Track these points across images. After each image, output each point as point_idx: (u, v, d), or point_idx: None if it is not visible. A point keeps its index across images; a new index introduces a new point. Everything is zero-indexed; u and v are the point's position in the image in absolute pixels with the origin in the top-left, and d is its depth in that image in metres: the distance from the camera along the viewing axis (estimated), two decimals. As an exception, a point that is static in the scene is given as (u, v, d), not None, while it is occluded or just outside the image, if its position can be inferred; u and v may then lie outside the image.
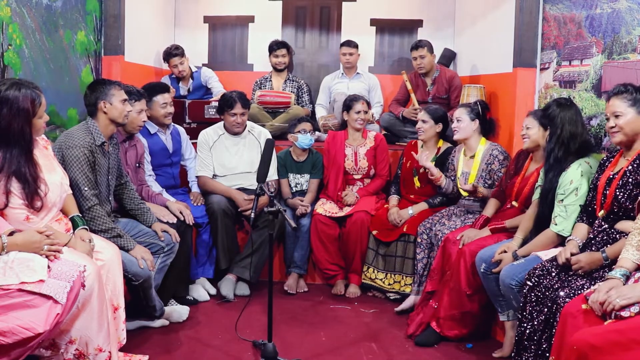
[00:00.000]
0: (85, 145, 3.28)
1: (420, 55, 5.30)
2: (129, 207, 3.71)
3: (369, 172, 4.76)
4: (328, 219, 4.54)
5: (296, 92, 5.84)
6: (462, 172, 4.22)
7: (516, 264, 3.13)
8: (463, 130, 4.15)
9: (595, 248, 2.83)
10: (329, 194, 4.74)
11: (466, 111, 4.15)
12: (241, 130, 4.57)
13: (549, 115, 3.25)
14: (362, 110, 4.72)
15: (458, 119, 4.16)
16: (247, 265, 4.29)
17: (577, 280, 2.73)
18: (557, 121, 3.21)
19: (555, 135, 3.22)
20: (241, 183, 4.58)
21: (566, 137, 3.19)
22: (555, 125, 3.22)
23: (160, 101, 4.23)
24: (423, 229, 4.17)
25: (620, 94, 2.83)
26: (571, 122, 3.20)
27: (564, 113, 3.22)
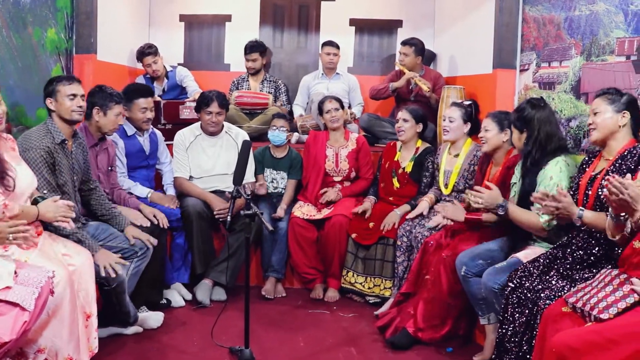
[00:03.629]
0: (41, 147, 3.20)
1: (405, 53, 5.32)
2: (100, 213, 3.65)
3: (350, 175, 4.76)
4: (306, 222, 4.53)
5: (274, 92, 5.83)
6: (444, 170, 4.24)
7: (498, 267, 3.14)
8: (453, 132, 4.16)
9: (575, 247, 2.84)
10: (308, 195, 4.72)
11: (460, 112, 4.15)
12: (216, 130, 4.54)
13: (525, 117, 3.26)
14: (332, 108, 4.71)
15: (450, 119, 4.15)
16: (223, 270, 4.25)
17: (558, 282, 2.75)
18: (534, 123, 3.23)
19: (532, 138, 3.23)
20: (217, 185, 4.56)
21: (543, 138, 3.21)
22: (532, 127, 3.23)
23: (141, 105, 4.19)
24: (403, 231, 4.18)
25: (603, 95, 2.90)
26: (547, 123, 3.23)
27: (539, 114, 3.24)
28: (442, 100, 4.92)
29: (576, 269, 2.79)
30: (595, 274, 2.66)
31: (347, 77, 5.94)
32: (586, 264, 2.79)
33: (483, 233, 3.59)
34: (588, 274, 2.73)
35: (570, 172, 3.13)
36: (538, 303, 2.67)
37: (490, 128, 3.67)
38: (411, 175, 4.50)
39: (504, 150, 3.70)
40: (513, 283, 2.85)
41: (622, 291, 2.38)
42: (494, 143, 3.68)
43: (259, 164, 4.79)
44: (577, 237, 2.87)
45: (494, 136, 3.67)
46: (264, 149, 4.84)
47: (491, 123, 3.68)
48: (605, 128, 2.85)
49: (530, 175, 3.21)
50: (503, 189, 3.56)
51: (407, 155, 4.55)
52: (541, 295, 2.69)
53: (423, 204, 4.27)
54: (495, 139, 3.68)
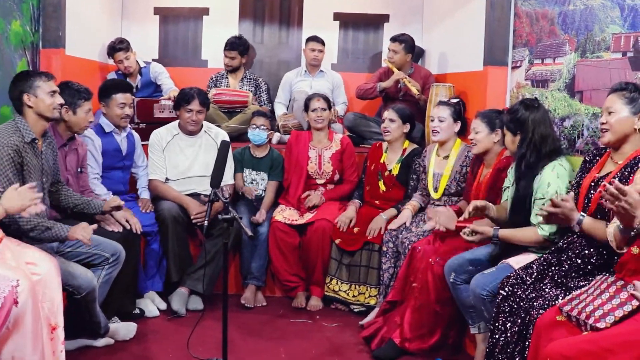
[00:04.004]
0: (9, 145, 3.14)
1: (394, 50, 5.32)
2: (72, 205, 3.63)
3: (333, 177, 4.76)
4: (287, 226, 4.52)
5: (254, 90, 5.81)
6: (433, 173, 4.24)
7: (487, 273, 3.14)
8: (444, 132, 4.16)
9: (572, 254, 2.83)
10: (289, 199, 4.71)
11: (450, 111, 4.16)
12: (196, 129, 4.53)
13: (518, 119, 3.26)
14: (319, 107, 4.71)
15: (440, 118, 4.15)
16: (200, 277, 4.22)
17: (551, 290, 2.74)
18: (528, 124, 3.22)
19: (526, 140, 3.23)
20: (195, 188, 4.54)
21: (537, 140, 3.21)
22: (526, 129, 3.23)
23: (119, 100, 4.16)
24: (389, 236, 4.18)
25: (620, 91, 2.79)
26: (541, 124, 3.23)
27: (534, 115, 3.24)
28: (431, 98, 4.93)
29: (571, 277, 2.79)
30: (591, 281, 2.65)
31: (331, 74, 5.93)
32: (582, 272, 2.78)
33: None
34: (584, 282, 2.71)
35: (568, 176, 3.13)
36: (531, 312, 2.66)
37: (480, 129, 3.68)
38: (398, 178, 4.50)
39: (495, 151, 3.71)
40: (505, 291, 2.84)
41: (619, 298, 2.37)
42: (484, 145, 3.69)
43: (238, 163, 4.78)
44: (573, 243, 2.86)
45: (485, 137, 3.68)
46: (244, 148, 4.83)
47: (481, 124, 3.68)
48: (620, 131, 2.77)
49: (524, 179, 3.21)
50: (493, 192, 3.58)
51: (394, 157, 4.55)
52: (534, 304, 2.68)
53: (405, 214, 4.26)
54: (486, 141, 3.68)
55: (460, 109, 4.24)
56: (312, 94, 4.88)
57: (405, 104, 4.98)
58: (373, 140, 5.13)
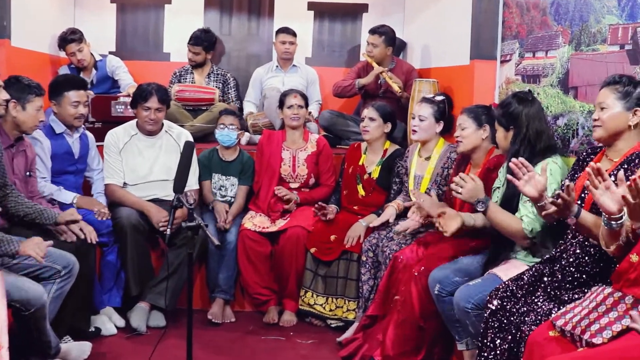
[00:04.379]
0: None
1: (373, 43, 5.32)
2: (23, 214, 3.58)
3: (308, 181, 4.76)
4: (258, 234, 4.50)
5: (222, 87, 5.80)
6: (415, 175, 4.25)
7: (472, 285, 3.14)
8: (424, 132, 4.18)
9: (565, 263, 2.82)
10: (260, 204, 4.69)
11: (432, 110, 4.17)
12: (155, 128, 4.50)
13: (512, 113, 3.28)
14: (296, 104, 4.71)
15: (421, 117, 4.17)
16: (162, 291, 4.20)
17: (544, 303, 2.75)
18: (522, 119, 3.25)
19: (519, 136, 3.25)
20: (156, 193, 4.52)
21: (532, 136, 3.23)
22: (520, 124, 3.25)
23: (72, 98, 4.15)
24: (368, 245, 4.18)
25: (612, 85, 2.80)
26: (535, 119, 3.25)
27: (528, 109, 3.26)
28: (413, 95, 4.94)
29: (565, 289, 2.78)
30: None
31: (306, 69, 5.95)
32: (577, 283, 2.77)
33: (460, 246, 3.60)
34: (579, 294, 2.71)
35: (561, 175, 3.15)
36: (522, 328, 2.66)
37: (467, 125, 3.69)
38: (378, 182, 4.51)
39: (484, 149, 3.72)
40: (493, 305, 2.84)
41: (617, 311, 2.37)
42: (471, 142, 3.70)
43: (205, 168, 4.75)
44: (567, 251, 2.86)
45: (472, 134, 3.69)
46: (211, 151, 4.82)
47: (467, 119, 3.70)
48: (612, 127, 2.79)
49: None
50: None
51: (374, 159, 4.56)
52: (525, 319, 2.69)
53: (389, 211, 4.27)
54: (473, 137, 3.69)
55: (445, 107, 4.25)
56: (288, 90, 4.89)
57: (386, 101, 4.99)
58: (351, 141, 5.14)
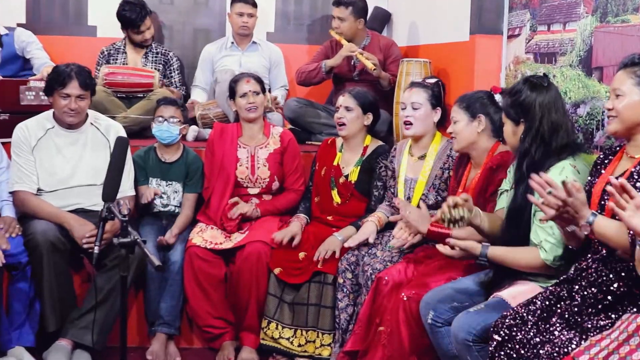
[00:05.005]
0: None
1: (339, 17, 5.34)
2: None
3: (271, 186, 4.76)
4: (209, 252, 4.48)
5: (162, 69, 5.81)
6: (405, 178, 4.26)
7: (474, 312, 3.15)
8: (420, 123, 4.17)
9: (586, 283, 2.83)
10: (211, 215, 4.69)
11: (426, 95, 4.17)
12: (77, 120, 4.47)
13: (522, 103, 3.25)
14: (250, 91, 4.69)
15: (414, 105, 4.16)
16: (88, 325, 4.15)
17: (562, 332, 2.75)
18: (535, 110, 3.22)
19: (531, 131, 3.22)
20: (80, 202, 4.49)
21: (547, 132, 3.20)
22: (532, 116, 3.22)
23: None
24: (346, 264, 4.17)
25: (630, 67, 2.82)
26: (552, 110, 3.22)
27: (542, 98, 3.23)
28: (400, 79, 4.95)
29: (588, 314, 2.79)
30: (615, 320, 2.66)
31: (268, 47, 5.98)
32: (602, 307, 2.78)
33: (459, 264, 3.62)
34: (605, 320, 2.71)
35: (581, 181, 3.10)
36: (536, 363, 2.68)
37: (459, 117, 3.73)
38: (358, 186, 4.53)
39: (484, 145, 3.74)
40: (500, 335, 2.85)
41: (655, 345, 2.39)
42: (465, 137, 3.73)
43: (141, 171, 4.73)
44: (588, 270, 2.87)
45: (464, 128, 3.72)
46: (148, 149, 4.80)
47: (458, 111, 3.74)
48: (629, 119, 2.81)
49: (525, 182, 3.18)
50: (484, 199, 3.59)
51: (352, 158, 4.58)
52: (540, 351, 2.70)
53: (368, 227, 4.26)
54: (467, 132, 3.72)
55: (440, 91, 4.27)
56: (238, 75, 4.89)
57: (365, 86, 5.01)
58: (324, 136, 5.15)
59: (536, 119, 3.21)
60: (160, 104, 4.76)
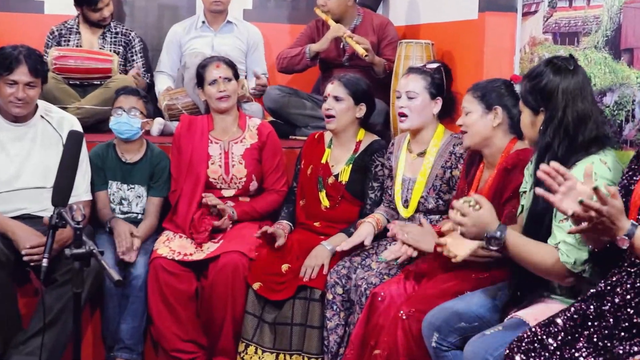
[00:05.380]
0: None
1: None
2: None
3: (248, 187, 4.76)
4: (177, 265, 4.48)
5: (122, 52, 5.84)
6: (403, 178, 4.26)
7: (489, 334, 3.12)
8: (416, 115, 4.18)
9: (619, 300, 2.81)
10: (179, 221, 4.69)
11: (425, 82, 4.17)
12: (24, 112, 4.44)
13: (543, 89, 3.22)
14: (220, 77, 4.69)
15: (410, 94, 4.17)
16: (36, 350, 4.11)
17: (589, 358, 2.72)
18: (558, 98, 3.18)
19: (553, 121, 3.19)
20: (26, 207, 4.48)
21: (571, 123, 3.17)
22: (555, 104, 3.19)
23: None
24: (336, 278, 4.17)
25: None
26: (578, 98, 3.19)
27: (567, 82, 3.20)
28: (397, 65, 4.93)
29: (620, 339, 2.76)
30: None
31: (245, 28, 6.01)
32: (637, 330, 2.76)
33: (468, 277, 3.61)
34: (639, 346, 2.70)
35: (613, 178, 3.11)
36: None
37: (471, 108, 3.71)
38: (349, 188, 4.54)
39: (499, 141, 3.72)
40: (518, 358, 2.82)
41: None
42: (478, 132, 3.70)
43: (98, 172, 4.73)
44: (620, 284, 2.85)
45: (477, 121, 3.70)
46: (106, 147, 4.80)
47: (471, 101, 3.72)
48: None
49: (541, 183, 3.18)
50: (499, 205, 3.56)
51: (343, 155, 4.60)
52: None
53: (364, 229, 4.27)
54: (480, 125, 3.70)
55: (443, 78, 4.26)
56: (207, 59, 4.89)
57: (357, 72, 5.03)
58: (310, 129, 5.16)
59: (559, 107, 3.18)
60: (119, 94, 4.75)
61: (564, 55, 3.38)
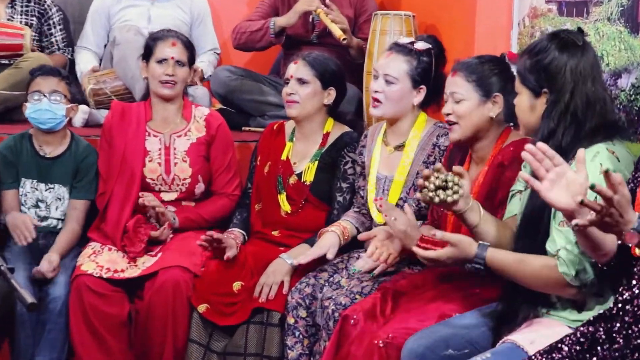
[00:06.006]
0: None
1: None
2: None
3: (193, 189, 4.79)
4: (106, 283, 4.49)
5: (37, 24, 5.83)
6: (377, 176, 4.29)
7: (480, 360, 3.19)
8: (392, 103, 4.20)
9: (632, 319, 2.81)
10: (109, 231, 4.68)
11: (408, 66, 4.19)
12: None
13: (547, 66, 3.23)
14: (173, 57, 4.70)
15: (388, 78, 4.18)
16: None
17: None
18: (566, 78, 3.20)
19: (559, 105, 3.21)
20: None
21: (580, 107, 3.19)
22: (561, 85, 3.21)
23: None
24: (298, 297, 4.20)
25: None
26: (587, 79, 3.21)
27: (575, 61, 3.21)
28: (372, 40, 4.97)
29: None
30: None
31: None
32: None
33: (453, 296, 3.66)
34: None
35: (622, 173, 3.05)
36: None
37: (466, 95, 3.69)
38: (315, 189, 4.59)
39: (493, 133, 3.76)
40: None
41: None
42: (473, 124, 3.70)
43: (9, 168, 4.73)
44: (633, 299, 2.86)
45: (473, 111, 3.69)
46: (20, 138, 4.80)
47: (466, 86, 3.71)
48: None
49: None
50: (491, 207, 3.60)
51: (307, 150, 4.65)
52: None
53: (328, 239, 4.30)
54: (475, 117, 3.70)
55: (432, 62, 4.26)
56: (163, 31, 4.87)
57: (327, 51, 5.05)
58: (268, 119, 5.17)
59: (567, 89, 3.20)
60: (36, 75, 4.73)
61: (570, 29, 3.40)
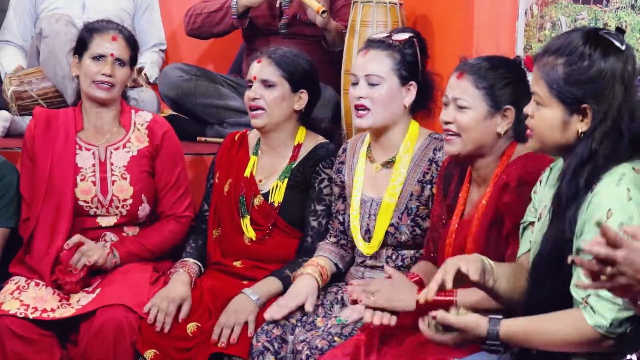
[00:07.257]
0: None
1: None
2: None
3: (136, 212, 4.82)
4: (33, 325, 4.49)
5: None
6: (362, 199, 4.34)
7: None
8: (382, 108, 4.24)
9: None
10: (35, 264, 4.69)
11: (391, 60, 4.24)
12: None
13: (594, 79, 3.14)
14: (113, 54, 4.71)
15: (371, 79, 4.22)
16: None
17: None
18: (612, 91, 3.13)
19: (605, 124, 3.14)
20: None
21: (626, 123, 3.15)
22: (609, 100, 3.14)
23: None
24: (265, 340, 4.22)
25: None
26: (633, 89, 3.18)
27: (620, 68, 3.16)
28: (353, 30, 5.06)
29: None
30: None
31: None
32: None
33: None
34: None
35: None
36: None
37: (472, 104, 3.67)
38: (284, 211, 4.65)
39: (497, 148, 3.77)
40: None
41: None
42: (478, 138, 3.70)
43: None
44: None
45: (479, 123, 3.68)
46: None
47: (474, 94, 3.69)
48: None
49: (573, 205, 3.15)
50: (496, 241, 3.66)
51: (275, 165, 4.71)
52: None
53: (304, 285, 4.32)
54: (481, 130, 3.69)
55: (417, 53, 4.32)
56: (101, 22, 4.89)
57: (298, 45, 5.11)
58: (227, 128, 5.20)
59: (614, 105, 3.14)
60: None
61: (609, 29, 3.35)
